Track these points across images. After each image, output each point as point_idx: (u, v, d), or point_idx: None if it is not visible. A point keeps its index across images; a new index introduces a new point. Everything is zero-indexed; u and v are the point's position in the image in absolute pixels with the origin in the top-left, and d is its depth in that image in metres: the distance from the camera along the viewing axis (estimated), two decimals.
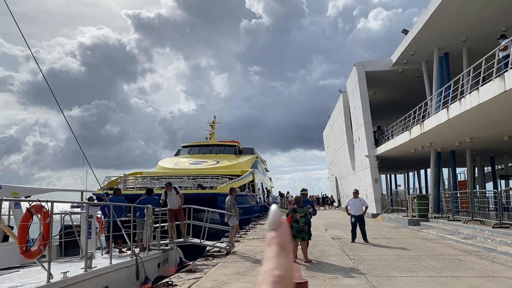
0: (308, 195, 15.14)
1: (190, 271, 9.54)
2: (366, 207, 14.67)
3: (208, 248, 13.23)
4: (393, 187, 46.61)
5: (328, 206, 46.11)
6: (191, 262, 11.39)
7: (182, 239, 13.14)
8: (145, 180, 23.80)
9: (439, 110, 16.86)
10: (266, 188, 40.75)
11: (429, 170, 28.15)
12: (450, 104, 15.30)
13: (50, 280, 6.50)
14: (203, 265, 10.30)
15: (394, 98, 32.84)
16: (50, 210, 6.71)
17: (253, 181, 29.92)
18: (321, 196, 48.97)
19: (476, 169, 29.93)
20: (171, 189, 12.86)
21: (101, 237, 11.81)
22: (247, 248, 12.77)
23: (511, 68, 11.09)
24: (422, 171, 40.88)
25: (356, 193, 14.87)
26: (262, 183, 36.98)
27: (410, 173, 45.03)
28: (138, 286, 9.49)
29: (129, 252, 10.40)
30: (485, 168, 32.77)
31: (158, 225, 11.89)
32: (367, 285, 7.57)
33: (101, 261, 8.91)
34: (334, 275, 8.53)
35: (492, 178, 29.60)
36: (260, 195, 34.77)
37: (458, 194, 20.28)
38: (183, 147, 34.90)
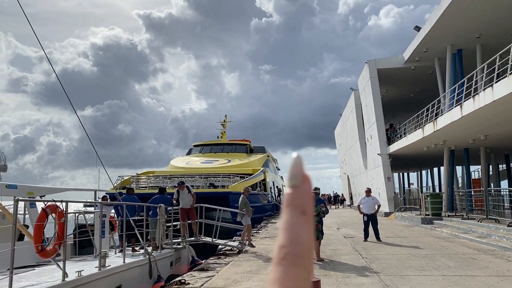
0: (320, 194, 15.09)
1: (202, 269, 9.59)
2: (379, 206, 14.58)
3: (220, 246, 13.29)
4: (406, 185, 46.24)
5: (339, 205, 45.92)
6: (203, 261, 11.43)
7: (194, 238, 13.22)
8: (158, 179, 23.92)
9: (453, 108, 16.66)
10: (278, 187, 40.70)
11: (442, 168, 27.89)
12: (464, 101, 15.12)
13: (65, 279, 6.60)
14: (215, 264, 10.34)
15: (406, 96, 32.56)
16: (64, 210, 6.80)
17: (264, 180, 29.92)
18: (332, 194, 48.79)
19: (490, 167, 29.53)
20: (183, 188, 12.97)
21: (114, 236, 11.93)
22: (259, 247, 12.79)
23: None
24: (436, 169, 40.53)
25: (368, 191, 14.79)
26: (273, 182, 36.93)
27: (423, 171, 44.65)
28: (151, 284, 9.56)
29: (142, 251, 10.49)
30: (500, 166, 32.34)
31: (170, 224, 11.96)
32: (380, 284, 7.52)
33: (115, 260, 9.00)
34: (347, 274, 8.50)
35: (507, 176, 29.20)
36: (272, 194, 34.75)
37: (472, 192, 20.05)
38: (194, 146, 35.00)
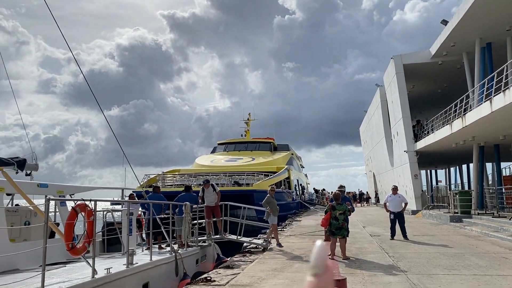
0: (345, 192, 14.97)
1: (228, 267, 9.64)
2: (406, 204, 14.33)
3: (245, 244, 13.34)
4: (433, 183, 45.36)
5: (365, 203, 45.40)
6: (228, 258, 11.51)
7: (219, 236, 13.32)
8: (183, 178, 24.23)
9: (482, 103, 16.21)
10: (302, 185, 40.56)
11: (471, 165, 27.23)
12: (494, 96, 14.69)
13: (95, 276, 6.76)
14: (241, 261, 10.38)
15: (433, 91, 31.87)
16: (93, 208, 6.96)
17: (288, 177, 29.88)
18: (358, 192, 48.28)
19: None
20: (208, 186, 13.13)
21: (141, 234, 12.13)
22: (284, 245, 12.77)
23: None
24: (464, 166, 39.61)
25: (395, 189, 14.56)
26: (297, 180, 36.85)
27: (452, 168, 43.71)
28: (177, 281, 9.68)
29: (168, 248, 10.63)
30: None
31: (196, 221, 12.08)
32: (407, 283, 7.40)
33: (142, 258, 9.15)
34: (373, 272, 8.40)
35: None
36: (296, 191, 34.66)
37: (503, 189, 19.48)
38: (219, 144, 35.25)
